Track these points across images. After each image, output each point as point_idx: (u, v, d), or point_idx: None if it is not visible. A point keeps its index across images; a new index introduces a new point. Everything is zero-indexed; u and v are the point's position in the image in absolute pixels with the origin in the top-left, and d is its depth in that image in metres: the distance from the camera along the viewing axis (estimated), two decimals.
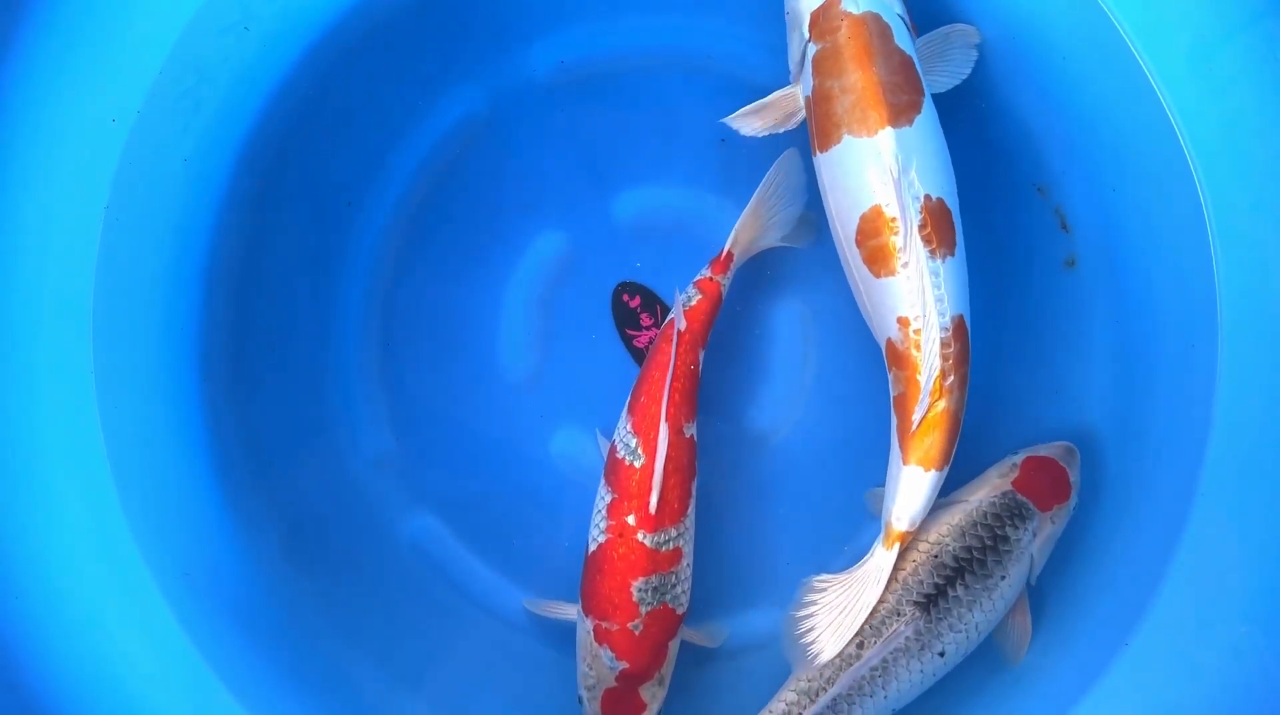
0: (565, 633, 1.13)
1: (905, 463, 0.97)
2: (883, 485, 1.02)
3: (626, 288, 1.17)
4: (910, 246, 0.93)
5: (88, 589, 0.97)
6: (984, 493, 1.02)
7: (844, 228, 0.98)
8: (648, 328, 1.17)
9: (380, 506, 1.15)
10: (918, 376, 0.94)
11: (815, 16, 0.99)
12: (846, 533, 1.16)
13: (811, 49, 0.99)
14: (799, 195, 1.09)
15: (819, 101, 0.98)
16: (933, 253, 0.93)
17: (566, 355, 1.17)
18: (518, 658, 1.14)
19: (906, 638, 0.97)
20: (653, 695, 1.04)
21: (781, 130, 1.04)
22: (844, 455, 1.17)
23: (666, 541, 1.02)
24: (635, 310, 1.17)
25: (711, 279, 1.07)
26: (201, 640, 0.99)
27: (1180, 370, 1.00)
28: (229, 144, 1.04)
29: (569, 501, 1.16)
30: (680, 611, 1.04)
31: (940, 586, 0.98)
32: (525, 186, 1.17)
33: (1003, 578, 0.99)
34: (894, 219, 0.93)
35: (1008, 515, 1.00)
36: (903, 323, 0.95)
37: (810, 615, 0.98)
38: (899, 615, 0.97)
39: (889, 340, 0.97)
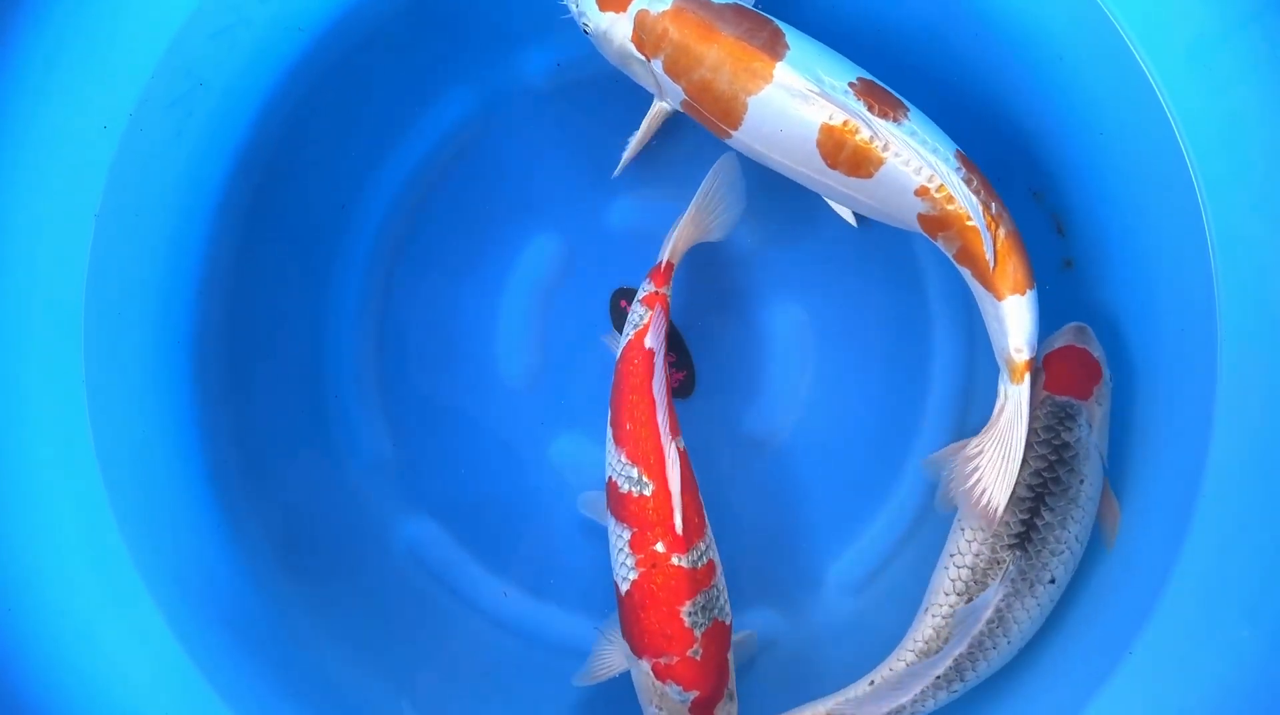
0: (565, 637, 1.13)
1: (1001, 298, 0.96)
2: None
3: (624, 293, 1.17)
4: (877, 130, 0.93)
5: (80, 598, 0.97)
6: (1024, 412, 1.00)
7: (809, 167, 0.98)
8: None
9: (376, 512, 1.15)
10: (967, 223, 0.95)
11: (637, 40, 0.99)
12: (848, 535, 1.16)
13: (657, 65, 0.99)
14: (739, 197, 1.09)
15: (699, 95, 0.98)
16: (896, 119, 0.94)
17: (564, 360, 1.17)
18: (515, 663, 1.14)
19: (1013, 580, 0.96)
20: (728, 713, 1.03)
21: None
22: (844, 458, 1.17)
23: (700, 557, 1.00)
24: None
25: (657, 293, 1.05)
26: (195, 648, 0.99)
27: (1179, 372, 1.00)
28: (222, 150, 1.03)
29: (567, 506, 1.16)
30: (729, 622, 1.02)
31: (1026, 520, 0.97)
32: (521, 191, 1.16)
33: (1081, 482, 0.98)
34: (845, 122, 0.94)
35: (1057, 422, 0.99)
36: (922, 193, 0.95)
37: (973, 475, 0.98)
38: (999, 563, 0.97)
39: (919, 216, 0.97)
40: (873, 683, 1.00)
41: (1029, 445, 0.98)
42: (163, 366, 1.03)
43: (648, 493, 0.99)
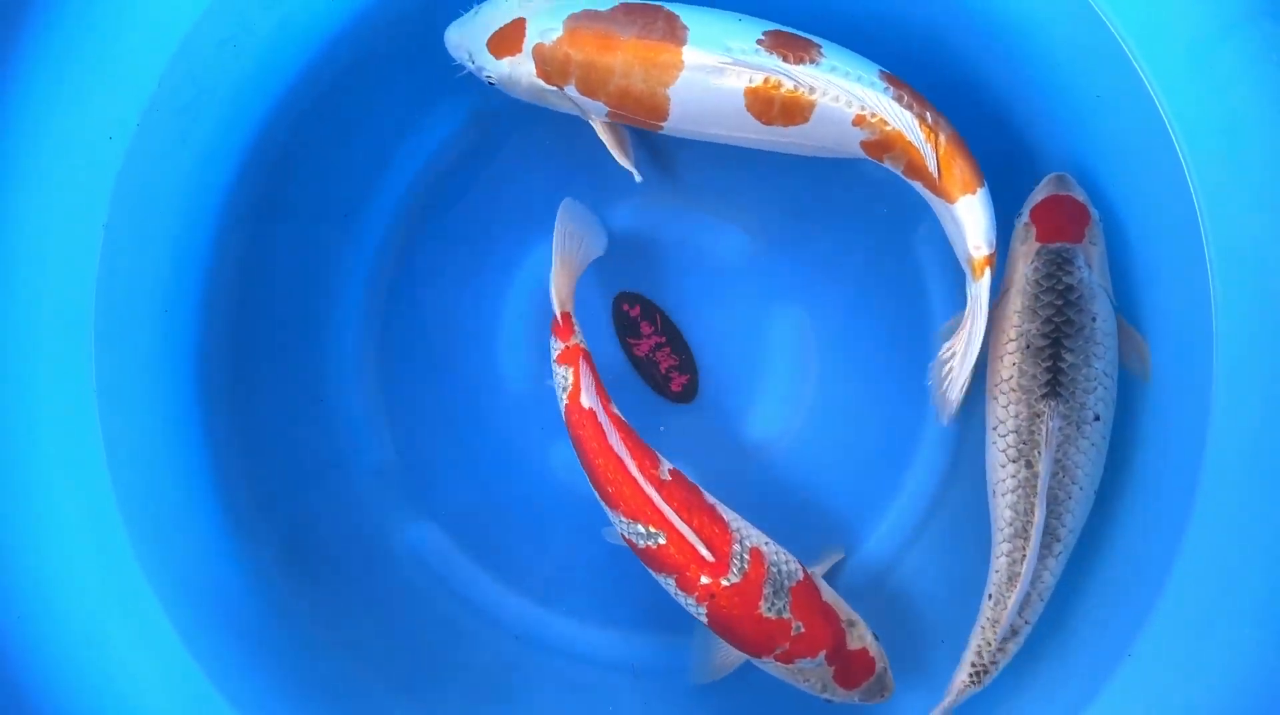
0: (569, 641, 1.13)
1: (953, 201, 0.98)
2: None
3: (626, 297, 1.17)
4: (798, 78, 0.95)
5: (89, 605, 0.98)
6: (1021, 267, 1.02)
7: (747, 130, 0.99)
8: (648, 336, 1.17)
9: (380, 518, 1.15)
10: (905, 138, 0.96)
11: (543, 74, 1.00)
12: (850, 540, 1.16)
13: (571, 90, 1.00)
14: (596, 230, 1.10)
15: (621, 103, 0.99)
16: (813, 60, 0.95)
17: None
18: (519, 667, 1.14)
19: (1060, 427, 0.97)
20: (859, 637, 1.03)
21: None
22: (847, 462, 1.17)
23: (742, 561, 1.00)
24: (636, 319, 1.17)
25: (568, 347, 1.04)
26: (202, 654, 0.99)
27: (1176, 373, 1.00)
28: (227, 158, 1.04)
29: (569, 511, 1.16)
30: (802, 575, 1.02)
31: (1051, 368, 0.98)
32: (522, 197, 1.17)
33: (1093, 319, 0.98)
34: (765, 80, 0.95)
35: (1057, 268, 0.99)
36: (859, 122, 0.96)
37: (941, 370, 1.02)
38: (1039, 416, 0.98)
39: (862, 144, 0.98)
40: (990, 595, 1.01)
41: (1035, 297, 0.99)
42: (169, 374, 1.03)
43: (663, 541, 0.99)
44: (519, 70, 1.00)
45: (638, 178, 1.07)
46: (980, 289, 0.99)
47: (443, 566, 1.15)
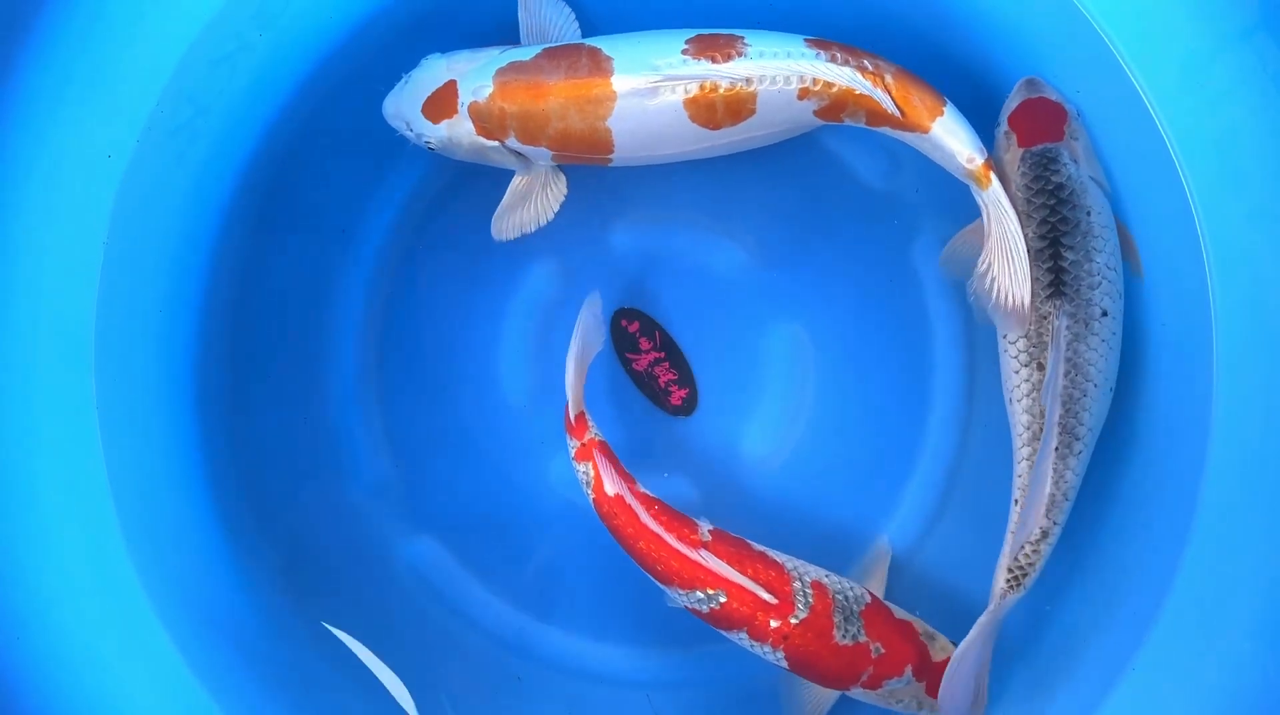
0: (567, 657, 1.13)
1: (928, 129, 0.96)
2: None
3: (625, 313, 1.17)
4: (731, 75, 0.94)
5: (88, 621, 0.98)
6: (1013, 176, 1.00)
7: (700, 142, 0.99)
8: (646, 351, 1.17)
9: (380, 533, 1.16)
10: (854, 92, 0.95)
11: (482, 131, 1.00)
12: (850, 553, 1.16)
13: (512, 142, 1.01)
14: (603, 329, 1.08)
15: (564, 146, 1.00)
16: (740, 53, 0.95)
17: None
18: (518, 682, 1.14)
19: (1068, 326, 0.96)
20: (942, 648, 1.02)
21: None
22: (847, 475, 1.17)
23: (804, 597, 0.99)
24: (634, 335, 1.17)
25: (583, 444, 1.03)
26: (201, 669, 0.99)
27: (1177, 386, 0.99)
28: (225, 175, 1.04)
29: (569, 525, 1.16)
30: (868, 595, 1.02)
31: (1053, 268, 0.97)
32: None
33: (1088, 213, 0.97)
34: (701, 87, 0.95)
35: (1043, 170, 0.98)
36: (804, 94, 0.96)
37: (992, 289, 0.98)
38: (1046, 318, 0.97)
39: (816, 113, 0.97)
40: (1016, 500, 1.00)
41: (1028, 202, 0.98)
42: (168, 390, 1.04)
43: (724, 599, 0.99)
44: (458, 131, 1.01)
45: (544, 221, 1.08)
46: (994, 193, 0.97)
47: (441, 581, 1.16)
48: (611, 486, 1.01)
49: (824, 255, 1.16)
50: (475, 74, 1.00)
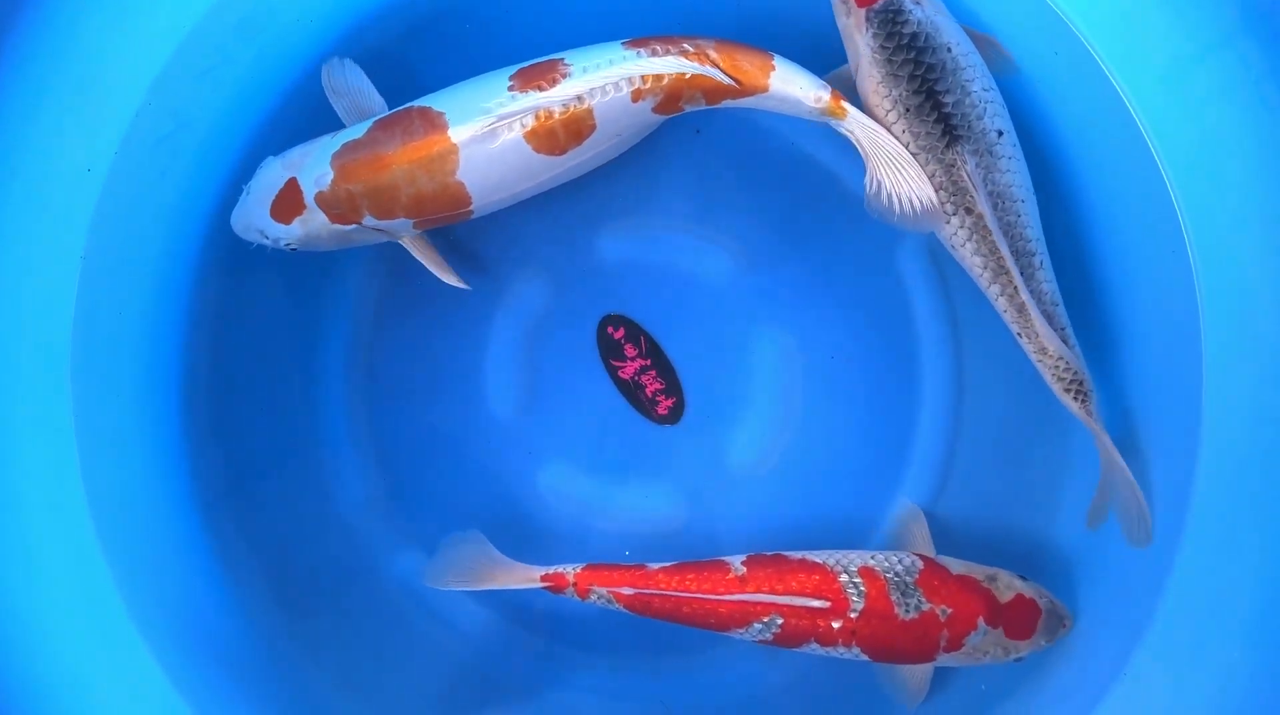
0: (556, 669, 1.12)
1: (768, 88, 0.97)
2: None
3: (611, 320, 1.17)
4: (562, 99, 0.95)
5: (71, 642, 0.97)
6: (859, 39, 0.98)
7: (552, 170, 0.99)
8: (632, 358, 1.17)
9: (368, 547, 1.15)
10: (683, 78, 0.96)
11: (335, 218, 1.00)
12: None
13: (370, 220, 1.00)
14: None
15: (420, 211, 1.00)
16: (565, 75, 0.96)
17: (552, 389, 1.17)
18: (509, 695, 1.13)
19: (975, 164, 0.96)
20: (1007, 586, 1.02)
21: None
22: (835, 482, 1.17)
23: (853, 585, 1.00)
24: (619, 342, 1.17)
25: (575, 585, 1.02)
26: (188, 691, 0.98)
27: (1164, 392, 1.00)
28: (207, 189, 1.04)
29: (558, 535, 1.16)
30: (920, 561, 1.02)
31: (939, 118, 0.96)
32: (506, 222, 1.17)
33: (948, 49, 0.96)
34: (538, 117, 0.95)
35: (891, 25, 0.96)
36: (636, 96, 0.96)
37: (890, 199, 0.98)
38: (954, 166, 0.96)
39: (654, 110, 0.98)
40: (1020, 335, 1.00)
41: (889, 62, 0.97)
42: (151, 406, 1.03)
43: (781, 621, 1.00)
44: (312, 224, 1.00)
45: (465, 286, 1.07)
46: (853, 118, 0.97)
47: (431, 594, 1.15)
48: (627, 587, 1.01)
49: (809, 260, 1.16)
50: (313, 164, 0.99)
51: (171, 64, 0.99)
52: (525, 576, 1.03)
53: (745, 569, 1.01)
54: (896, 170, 0.97)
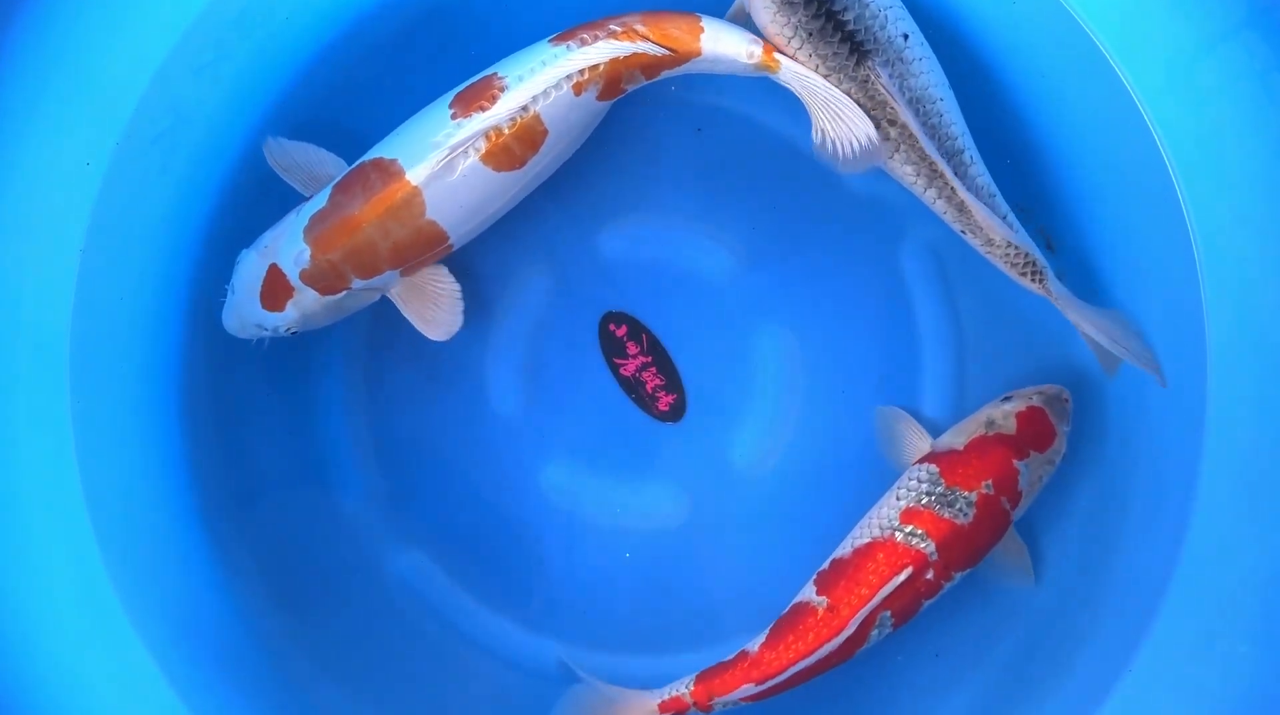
0: (558, 667, 1.12)
1: (700, 50, 0.96)
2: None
3: (613, 317, 1.16)
4: (508, 114, 0.95)
5: (68, 643, 0.96)
6: None
7: (517, 184, 1.00)
8: (634, 356, 1.16)
9: (368, 545, 1.15)
10: (617, 60, 0.96)
11: (324, 289, 1.00)
12: None
13: (357, 283, 1.01)
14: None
15: (402, 258, 1.00)
16: (502, 89, 0.96)
17: (554, 386, 1.17)
18: (510, 694, 1.13)
19: (888, 74, 0.95)
20: (1006, 414, 1.04)
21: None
22: (837, 479, 1.16)
23: (913, 536, 0.99)
24: (622, 339, 1.16)
25: (695, 705, 1.01)
26: (187, 691, 0.98)
27: (1170, 387, 1.00)
28: (207, 184, 1.04)
29: (560, 533, 1.15)
30: (933, 466, 1.02)
31: (842, 38, 0.95)
32: (508, 219, 1.16)
33: None
34: (488, 138, 0.96)
35: None
36: (578, 88, 0.96)
37: (834, 143, 0.97)
38: (867, 81, 0.95)
39: (599, 100, 0.98)
40: (964, 233, 1.00)
41: (809, 28, 0.96)
42: (150, 403, 1.03)
43: (889, 614, 0.99)
44: (305, 303, 1.01)
45: (449, 337, 1.06)
46: (787, 70, 0.96)
47: (432, 593, 1.15)
48: (751, 689, 1.00)
49: (811, 258, 1.16)
50: (288, 245, 0.99)
51: (170, 59, 0.99)
52: (643, 708, 1.02)
53: (825, 597, 1.00)
54: (835, 114, 0.96)
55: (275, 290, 1.00)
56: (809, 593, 1.01)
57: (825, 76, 0.96)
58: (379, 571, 1.14)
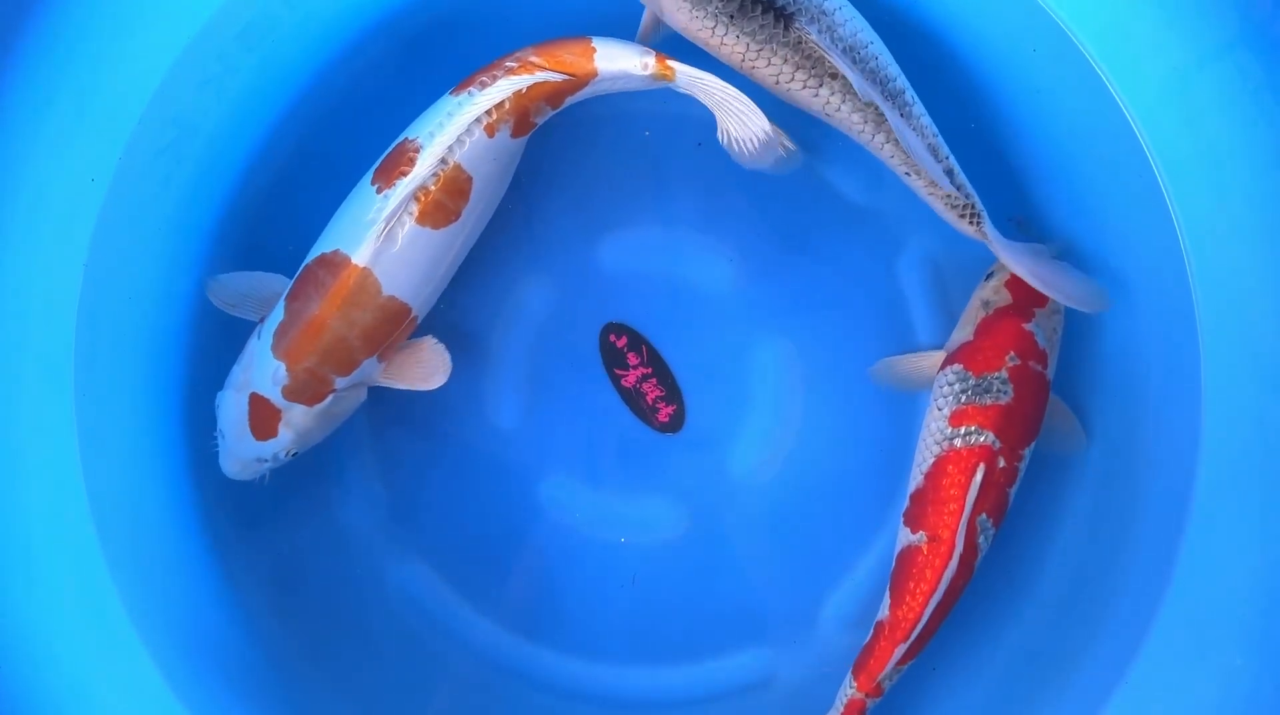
0: (558, 678, 1.12)
1: (595, 71, 0.97)
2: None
3: (613, 328, 1.17)
4: (425, 170, 0.96)
5: (73, 650, 0.97)
6: None
7: (463, 231, 1.01)
8: (635, 367, 1.17)
9: (369, 556, 1.15)
10: (520, 95, 0.97)
11: (308, 399, 1.00)
12: (842, 569, 1.16)
13: (341, 383, 1.01)
14: None
15: (373, 341, 1.00)
16: (416, 150, 0.96)
17: (554, 398, 1.17)
18: (510, 704, 1.13)
19: (816, 30, 0.95)
20: (995, 288, 1.05)
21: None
22: (836, 489, 1.16)
23: (971, 436, 1.01)
24: (622, 350, 1.17)
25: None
26: (189, 697, 0.98)
27: (1164, 399, 1.00)
28: (210, 198, 1.04)
29: (560, 546, 1.16)
30: (953, 363, 1.04)
31: (764, 8, 0.95)
32: (508, 230, 1.17)
33: None
34: (418, 200, 0.96)
35: None
36: (490, 129, 0.97)
37: (740, 146, 0.99)
38: (800, 42, 0.96)
39: (513, 138, 0.99)
40: (908, 174, 1.01)
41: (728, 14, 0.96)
42: (153, 415, 1.03)
43: (986, 516, 1.01)
44: (295, 421, 1.01)
45: (441, 383, 1.06)
46: (683, 76, 0.97)
47: (433, 604, 1.15)
48: (901, 650, 1.01)
49: (810, 269, 1.16)
50: (260, 368, 0.99)
51: (174, 72, 1.00)
52: None
53: (922, 532, 1.01)
54: (739, 113, 0.98)
55: (263, 417, 1.00)
56: (905, 537, 1.02)
57: (759, 50, 0.97)
58: (381, 583, 1.14)
